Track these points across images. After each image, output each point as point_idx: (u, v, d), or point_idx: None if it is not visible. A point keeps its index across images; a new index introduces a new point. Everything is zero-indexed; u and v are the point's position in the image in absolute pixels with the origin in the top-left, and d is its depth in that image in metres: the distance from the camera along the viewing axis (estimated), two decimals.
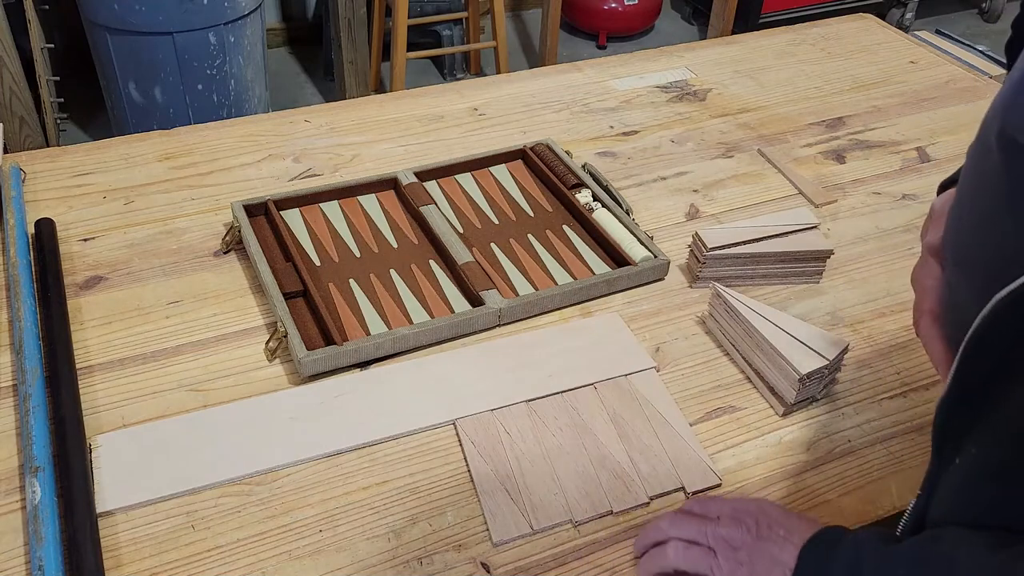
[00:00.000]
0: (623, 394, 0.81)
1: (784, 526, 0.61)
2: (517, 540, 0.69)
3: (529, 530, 0.69)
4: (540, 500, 0.71)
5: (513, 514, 0.70)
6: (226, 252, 0.96)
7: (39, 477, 0.68)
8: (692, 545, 0.63)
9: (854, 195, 1.10)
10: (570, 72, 1.35)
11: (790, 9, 3.27)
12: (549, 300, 0.90)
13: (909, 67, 1.41)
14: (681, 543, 0.64)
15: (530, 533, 0.69)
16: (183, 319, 0.87)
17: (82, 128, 2.66)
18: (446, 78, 3.06)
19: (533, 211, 1.03)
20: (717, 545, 0.62)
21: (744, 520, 0.62)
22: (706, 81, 1.34)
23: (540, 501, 0.71)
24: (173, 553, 0.67)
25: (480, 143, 1.16)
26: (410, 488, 0.73)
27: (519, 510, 0.71)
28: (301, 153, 1.13)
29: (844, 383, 0.84)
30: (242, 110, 2.35)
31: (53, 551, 0.63)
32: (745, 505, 0.64)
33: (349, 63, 2.59)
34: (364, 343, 0.82)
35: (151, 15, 2.08)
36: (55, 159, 1.09)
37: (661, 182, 1.11)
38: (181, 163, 1.09)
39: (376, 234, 0.98)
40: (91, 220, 0.99)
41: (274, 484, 0.72)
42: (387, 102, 1.25)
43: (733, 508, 0.64)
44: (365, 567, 0.67)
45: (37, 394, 0.75)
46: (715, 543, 0.62)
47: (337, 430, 0.77)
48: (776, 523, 0.61)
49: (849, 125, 1.25)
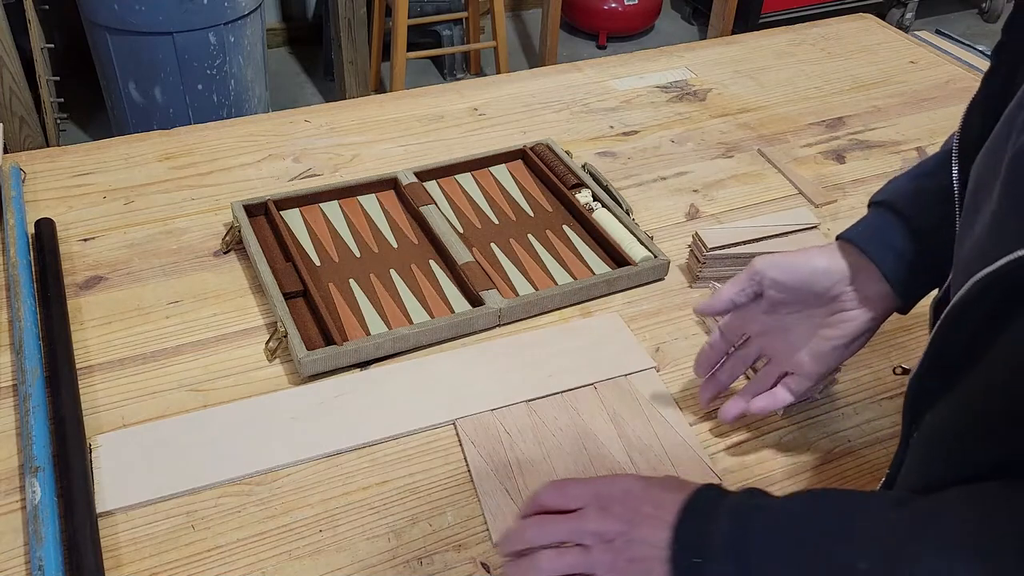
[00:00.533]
0: (623, 394, 0.81)
1: (651, 501, 0.58)
2: None
3: None
4: None
5: (513, 514, 0.70)
6: (226, 252, 0.96)
7: (39, 477, 0.68)
8: (565, 550, 0.59)
9: (854, 195, 1.10)
10: (570, 72, 1.35)
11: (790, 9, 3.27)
12: (549, 300, 0.90)
13: (909, 67, 1.41)
14: (552, 551, 0.59)
15: None
16: (183, 319, 0.87)
17: (82, 128, 2.66)
18: (446, 78, 3.06)
19: (533, 211, 1.03)
20: (592, 542, 0.58)
21: (610, 508, 0.59)
22: (706, 81, 1.34)
23: None
24: (173, 553, 0.67)
25: (480, 143, 1.16)
26: (410, 488, 0.73)
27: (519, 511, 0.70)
28: (301, 153, 1.13)
29: (844, 383, 0.84)
30: (242, 110, 2.35)
31: (53, 551, 0.63)
32: (607, 489, 0.60)
33: (349, 63, 2.59)
34: (364, 343, 0.82)
35: (151, 15, 2.08)
36: (55, 159, 1.09)
37: (661, 182, 1.11)
38: (181, 163, 1.09)
39: (376, 234, 0.98)
40: (91, 220, 0.99)
41: (274, 484, 0.72)
42: (387, 102, 1.25)
43: (596, 495, 0.60)
44: (365, 567, 0.67)
45: (37, 394, 0.75)
46: (590, 540, 0.58)
47: (337, 430, 0.77)
48: (642, 501, 0.58)
49: (849, 125, 1.25)
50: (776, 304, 0.73)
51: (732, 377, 0.78)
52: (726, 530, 0.53)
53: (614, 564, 0.57)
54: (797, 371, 0.73)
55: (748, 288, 0.73)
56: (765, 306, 0.74)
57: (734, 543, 0.52)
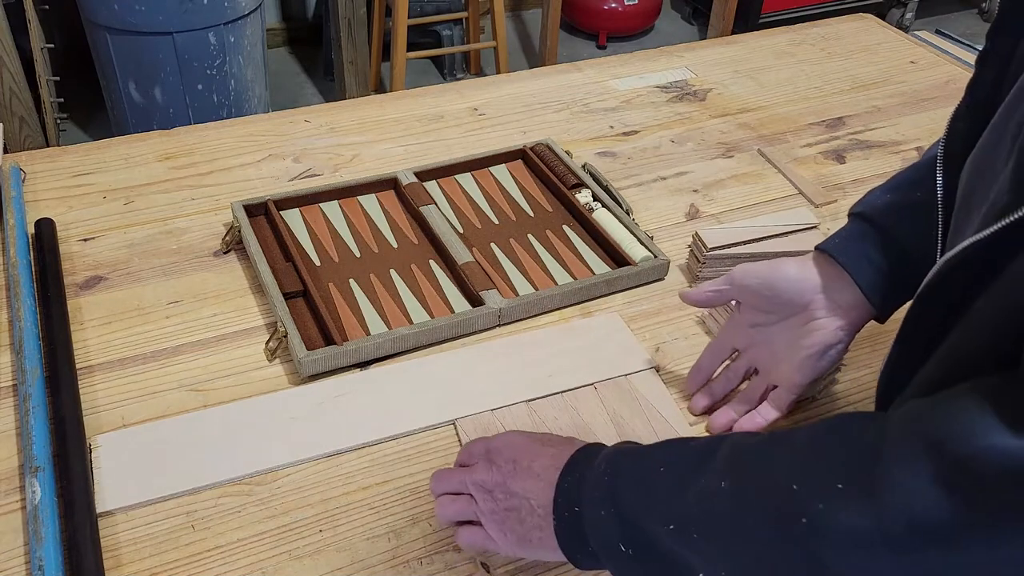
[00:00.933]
0: (623, 394, 0.81)
1: (528, 455, 0.63)
2: None
3: None
4: None
5: None
6: (226, 252, 0.96)
7: (39, 477, 0.68)
8: (456, 497, 0.66)
9: (854, 195, 1.10)
10: (570, 72, 1.35)
11: (790, 9, 3.27)
12: (549, 300, 0.90)
13: (909, 67, 1.41)
14: (446, 497, 0.66)
15: None
16: (183, 319, 0.87)
17: (82, 128, 2.66)
18: (446, 78, 3.06)
19: (533, 211, 1.03)
20: (475, 491, 0.64)
21: (495, 460, 0.64)
22: (706, 81, 1.34)
23: None
24: (173, 553, 0.67)
25: (480, 143, 1.16)
26: (410, 488, 0.73)
27: None
28: (301, 153, 1.13)
29: (844, 383, 0.84)
30: (242, 110, 2.35)
31: (53, 551, 0.63)
32: (495, 443, 0.65)
33: (349, 63, 2.59)
34: (364, 343, 0.82)
35: (151, 15, 2.08)
36: (55, 159, 1.09)
37: (661, 182, 1.11)
38: (181, 163, 1.09)
39: (376, 234, 0.98)
40: (91, 220, 0.99)
41: (274, 484, 0.72)
42: (387, 102, 1.25)
43: (487, 448, 0.65)
44: (365, 567, 0.67)
45: (37, 394, 0.75)
46: (473, 489, 0.64)
47: (337, 430, 0.77)
48: (522, 454, 0.63)
49: (849, 125, 1.25)
50: (754, 313, 0.76)
51: (725, 390, 0.80)
52: (599, 479, 0.57)
53: (493, 511, 0.62)
54: (780, 383, 0.75)
55: (724, 291, 0.76)
56: (748, 318, 0.76)
57: (606, 488, 0.56)
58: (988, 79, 0.57)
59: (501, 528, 0.62)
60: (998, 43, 0.57)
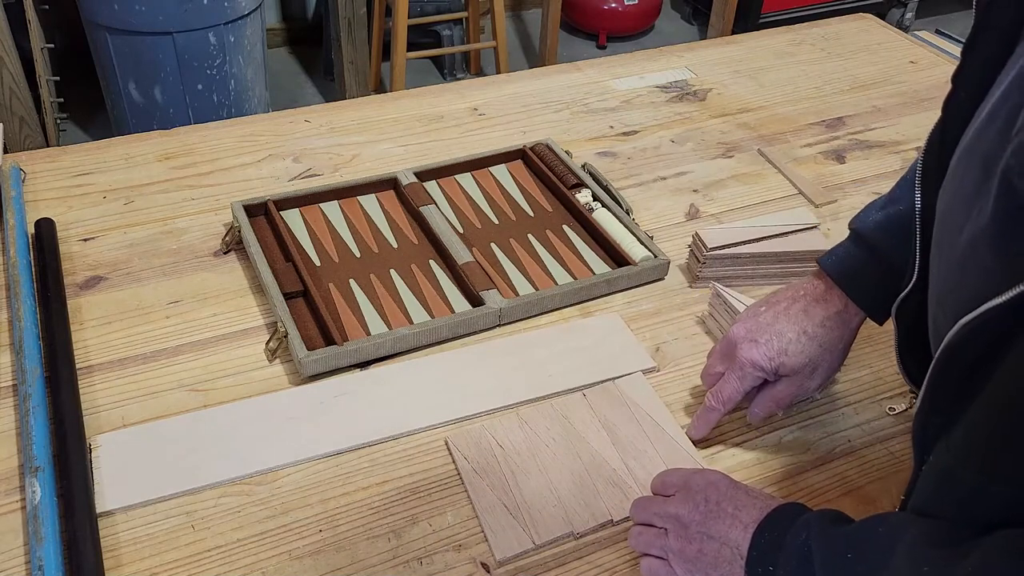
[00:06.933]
0: (613, 400, 0.81)
1: (732, 501, 0.61)
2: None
3: (531, 545, 0.68)
4: (539, 513, 0.70)
5: (513, 529, 0.69)
6: (226, 252, 0.96)
7: (39, 477, 0.68)
8: (646, 528, 0.65)
9: (854, 195, 1.10)
10: (570, 72, 1.35)
11: (790, 9, 3.27)
12: (549, 300, 0.90)
13: (909, 67, 1.41)
14: (639, 528, 0.66)
15: (532, 548, 0.68)
16: (183, 319, 0.87)
17: (82, 128, 2.66)
18: (446, 78, 3.06)
19: (533, 211, 1.03)
20: (668, 524, 0.63)
21: (694, 496, 0.63)
22: (706, 81, 1.34)
23: (539, 514, 0.70)
24: (173, 553, 0.67)
25: (480, 143, 1.16)
26: (410, 488, 0.73)
27: (519, 524, 0.70)
28: (301, 153, 1.13)
29: (844, 383, 0.84)
30: (242, 110, 2.35)
31: (53, 551, 0.63)
32: (696, 480, 0.64)
33: (349, 63, 2.59)
34: (364, 343, 0.82)
35: (151, 15, 2.08)
36: (55, 159, 1.09)
37: (661, 182, 1.11)
38: (181, 163, 1.09)
39: (376, 234, 0.98)
40: (91, 220, 0.99)
41: (274, 484, 0.72)
42: (387, 102, 1.25)
43: (685, 482, 0.64)
44: (365, 567, 0.67)
45: (37, 394, 0.75)
46: (666, 522, 0.63)
47: (337, 430, 0.77)
48: (725, 498, 0.62)
49: (849, 125, 1.25)
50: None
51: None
52: (795, 541, 0.56)
53: (683, 551, 0.61)
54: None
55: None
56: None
57: (800, 552, 0.55)
58: (962, 97, 0.56)
59: (689, 569, 0.61)
60: (972, 60, 0.56)
